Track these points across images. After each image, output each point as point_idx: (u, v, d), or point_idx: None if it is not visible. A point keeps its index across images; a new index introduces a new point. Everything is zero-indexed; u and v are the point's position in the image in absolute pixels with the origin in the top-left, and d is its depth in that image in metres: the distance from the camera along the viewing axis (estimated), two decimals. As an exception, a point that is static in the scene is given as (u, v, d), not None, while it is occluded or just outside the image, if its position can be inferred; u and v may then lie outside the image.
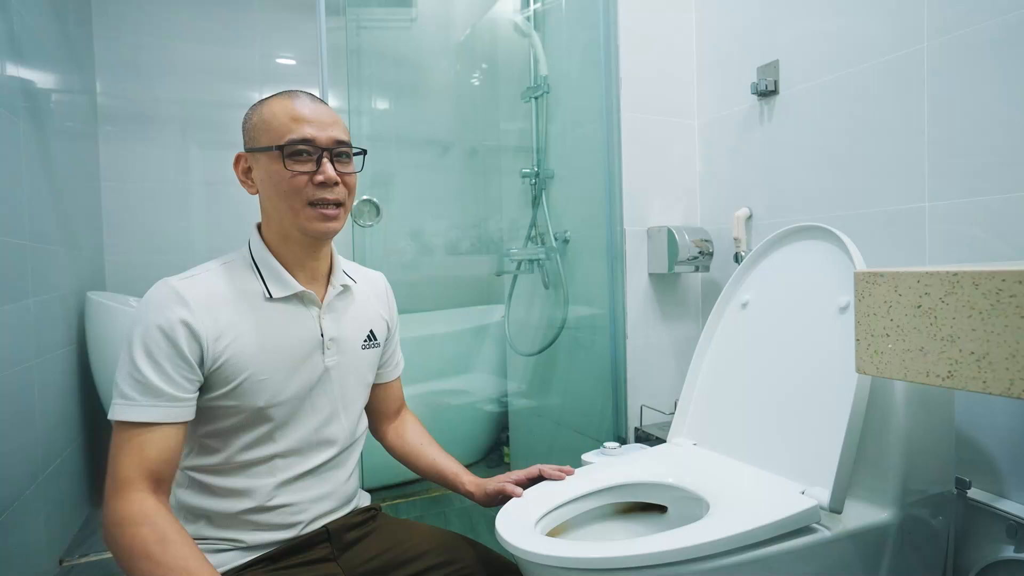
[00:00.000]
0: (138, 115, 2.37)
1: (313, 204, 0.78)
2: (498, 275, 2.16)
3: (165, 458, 0.71)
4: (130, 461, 0.69)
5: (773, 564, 0.82)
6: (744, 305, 1.16)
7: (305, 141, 0.76)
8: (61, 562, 1.62)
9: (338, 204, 0.80)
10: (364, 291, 0.93)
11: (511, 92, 2.09)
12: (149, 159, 2.38)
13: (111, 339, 1.84)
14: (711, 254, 1.53)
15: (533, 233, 1.94)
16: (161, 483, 0.71)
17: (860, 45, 1.19)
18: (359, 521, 0.89)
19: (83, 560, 1.63)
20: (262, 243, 0.82)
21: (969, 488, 0.99)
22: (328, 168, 0.78)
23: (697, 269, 1.53)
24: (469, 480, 0.96)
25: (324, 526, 0.84)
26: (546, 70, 1.86)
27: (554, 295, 1.84)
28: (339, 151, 0.79)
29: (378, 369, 0.97)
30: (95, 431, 1.99)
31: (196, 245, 2.43)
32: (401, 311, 1.07)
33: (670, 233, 1.49)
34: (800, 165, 1.33)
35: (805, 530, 0.86)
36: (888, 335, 0.65)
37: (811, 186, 1.31)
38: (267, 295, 0.80)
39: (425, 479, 1.03)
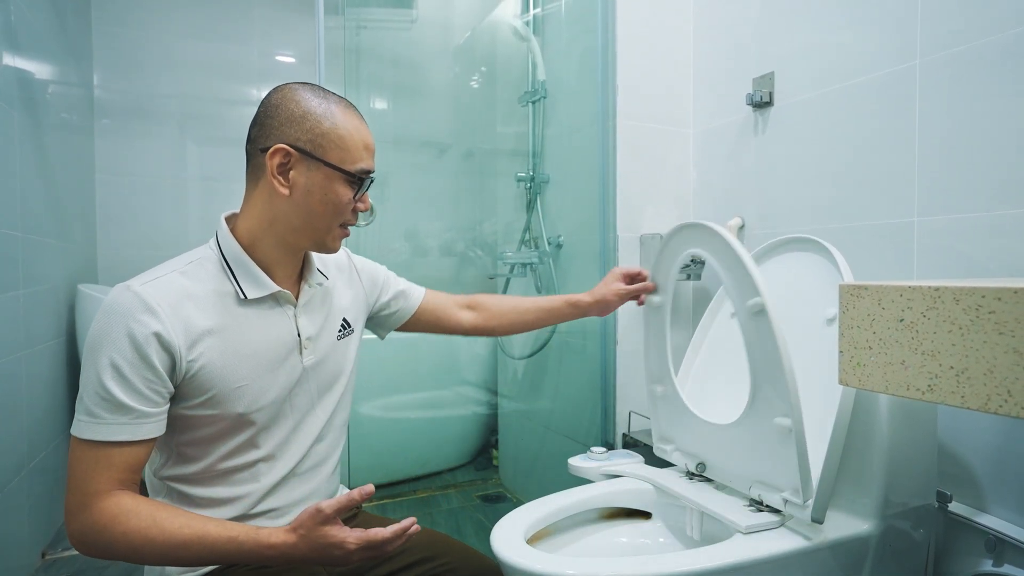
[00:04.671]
0: (135, 109, 2.37)
1: (343, 225, 0.80)
2: (491, 278, 2.16)
3: (134, 468, 0.69)
4: (98, 476, 0.66)
5: (754, 573, 0.83)
6: (733, 314, 1.17)
7: (369, 172, 0.78)
8: (43, 555, 1.61)
9: None
10: (332, 278, 0.90)
11: (509, 96, 2.10)
12: (145, 153, 2.38)
13: (101, 332, 1.83)
14: (703, 263, 1.53)
15: (527, 237, 1.94)
16: (130, 487, 0.69)
17: (854, 60, 1.20)
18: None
19: (65, 554, 1.63)
20: (233, 239, 0.77)
21: (950, 502, 1.00)
22: (368, 197, 0.81)
23: (689, 277, 1.53)
24: (581, 298, 1.12)
25: None
26: (544, 75, 1.86)
27: (546, 299, 1.85)
28: None
29: (395, 310, 1.00)
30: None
31: (191, 241, 2.40)
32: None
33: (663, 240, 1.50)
34: (793, 176, 1.34)
35: (786, 540, 0.86)
36: (871, 348, 0.66)
37: (803, 197, 1.32)
38: (241, 296, 0.75)
39: (538, 327, 1.14)
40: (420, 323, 1.04)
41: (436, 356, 2.30)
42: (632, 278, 1.15)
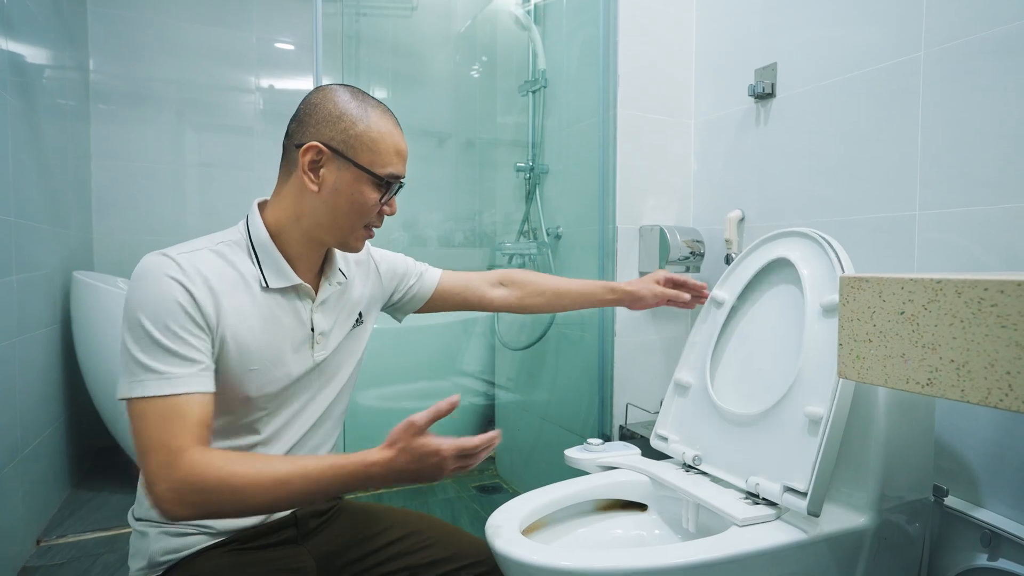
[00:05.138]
0: (132, 94, 2.34)
1: (367, 227, 0.81)
2: (489, 269, 2.15)
3: (206, 423, 0.68)
4: (179, 432, 0.65)
5: (750, 565, 0.83)
6: (734, 308, 1.16)
7: (398, 177, 0.79)
8: (39, 542, 1.61)
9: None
10: (352, 275, 0.91)
11: (509, 85, 2.08)
12: (142, 139, 2.36)
13: (97, 320, 1.82)
14: (702, 255, 1.53)
15: (526, 228, 1.93)
16: (206, 444, 0.68)
17: (858, 51, 1.18)
18: (323, 509, 0.90)
19: (61, 540, 1.62)
20: (263, 228, 0.79)
21: (946, 496, 1.00)
22: (395, 202, 0.83)
23: (688, 269, 1.53)
24: (623, 289, 1.13)
25: (293, 512, 0.84)
26: (544, 64, 1.85)
27: (544, 291, 1.84)
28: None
29: (411, 295, 1.01)
30: (77, 412, 1.97)
31: (189, 227, 2.41)
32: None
33: (662, 232, 1.49)
34: (794, 168, 1.33)
35: (782, 533, 0.86)
36: (871, 341, 0.65)
37: (804, 190, 1.31)
38: (263, 284, 0.77)
39: (571, 310, 1.15)
40: (444, 304, 1.05)
41: (433, 346, 2.29)
42: (675, 284, 1.18)
